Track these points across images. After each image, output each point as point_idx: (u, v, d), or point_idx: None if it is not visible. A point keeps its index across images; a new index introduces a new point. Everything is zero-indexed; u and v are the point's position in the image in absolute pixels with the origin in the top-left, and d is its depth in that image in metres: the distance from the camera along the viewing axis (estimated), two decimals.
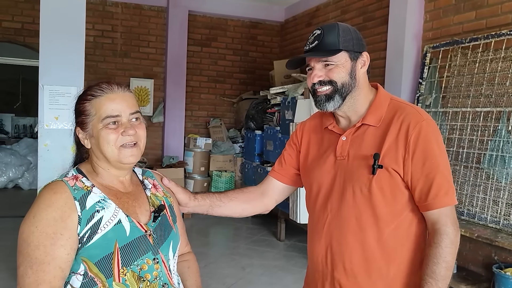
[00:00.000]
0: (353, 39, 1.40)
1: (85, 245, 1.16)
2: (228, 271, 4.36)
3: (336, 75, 1.38)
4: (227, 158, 6.69)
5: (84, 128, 1.26)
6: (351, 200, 1.37)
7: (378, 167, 1.33)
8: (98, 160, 1.27)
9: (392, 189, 1.34)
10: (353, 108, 1.43)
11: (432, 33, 4.12)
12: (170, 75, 6.63)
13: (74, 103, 1.30)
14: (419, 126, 1.32)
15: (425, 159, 1.31)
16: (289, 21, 7.03)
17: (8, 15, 6.04)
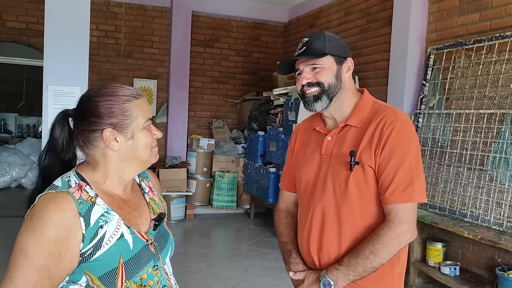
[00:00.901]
0: (338, 46, 1.52)
1: (88, 259, 1.16)
2: (231, 272, 4.36)
3: (323, 77, 1.50)
4: (229, 159, 6.70)
5: (121, 130, 1.21)
6: (331, 195, 1.49)
7: (355, 164, 1.44)
8: (121, 163, 1.24)
9: (368, 184, 1.44)
10: (339, 110, 1.55)
11: (436, 35, 4.12)
12: (173, 75, 6.63)
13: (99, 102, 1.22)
14: (393, 125, 1.42)
15: (391, 155, 1.40)
16: (293, 22, 7.03)
17: (12, 15, 6.06)
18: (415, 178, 1.40)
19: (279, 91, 5.55)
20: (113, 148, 1.22)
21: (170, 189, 6.14)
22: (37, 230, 1.11)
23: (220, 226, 6.22)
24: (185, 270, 4.36)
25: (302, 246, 1.60)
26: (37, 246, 1.10)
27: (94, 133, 1.21)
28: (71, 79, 3.49)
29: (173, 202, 6.15)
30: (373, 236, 1.41)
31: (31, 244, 1.10)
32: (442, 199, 3.73)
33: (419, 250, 3.81)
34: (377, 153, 1.43)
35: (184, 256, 4.87)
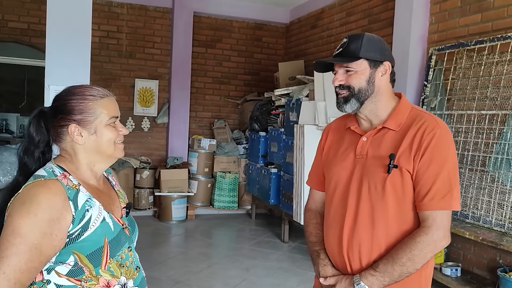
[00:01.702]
0: (375, 49, 1.52)
1: (76, 240, 1.28)
2: (232, 272, 4.36)
3: (354, 81, 1.52)
4: (231, 159, 6.70)
5: (84, 126, 1.35)
6: (366, 196, 1.49)
7: (393, 167, 1.45)
8: (88, 156, 1.38)
9: (404, 188, 1.45)
10: (374, 112, 1.56)
11: (437, 36, 4.12)
12: (174, 76, 6.64)
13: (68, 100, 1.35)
14: (433, 133, 1.44)
15: (430, 163, 1.42)
16: (294, 23, 7.03)
17: (14, 15, 6.07)
18: (453, 186, 1.42)
19: (280, 91, 5.55)
20: (78, 142, 1.35)
21: (171, 189, 6.15)
22: (31, 212, 1.21)
23: (222, 226, 6.22)
24: (186, 270, 4.36)
25: (331, 246, 1.60)
26: (31, 226, 1.20)
27: (62, 128, 1.35)
28: (72, 79, 3.45)
29: (175, 203, 6.15)
30: (410, 242, 1.41)
31: (24, 225, 1.20)
32: None
33: None
34: (416, 159, 1.44)
35: (186, 256, 4.87)
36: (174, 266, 4.49)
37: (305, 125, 4.60)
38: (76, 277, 1.30)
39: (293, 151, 4.85)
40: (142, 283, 1.47)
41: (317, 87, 4.66)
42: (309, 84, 5.03)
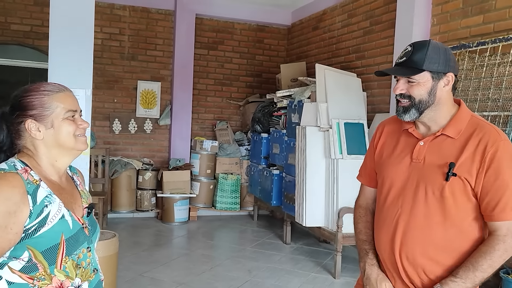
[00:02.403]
0: (439, 60, 1.51)
1: (32, 235, 1.27)
2: (234, 274, 4.37)
3: (416, 92, 1.53)
4: (233, 161, 6.71)
5: (41, 120, 1.36)
6: (423, 200, 1.53)
7: (452, 175, 1.48)
8: (49, 151, 1.39)
9: (462, 196, 1.49)
10: (433, 119, 1.57)
11: (439, 37, 4.12)
12: (177, 78, 6.66)
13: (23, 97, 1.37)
14: (496, 145, 1.46)
15: (497, 175, 1.44)
16: (296, 24, 7.05)
17: (17, 18, 6.10)
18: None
19: (282, 93, 5.56)
20: (37, 137, 1.36)
21: (173, 191, 6.16)
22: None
23: (224, 228, 6.22)
24: (189, 272, 4.37)
25: (383, 245, 1.62)
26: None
27: (20, 124, 1.36)
28: (75, 82, 3.50)
29: (177, 204, 6.16)
30: (489, 250, 1.45)
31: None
32: None
33: None
34: (480, 171, 1.46)
35: (188, 257, 4.87)
36: (177, 267, 4.50)
37: (307, 127, 4.61)
38: (29, 274, 1.28)
39: (295, 152, 4.86)
40: (98, 286, 1.47)
41: (319, 89, 4.66)
42: (311, 85, 5.03)
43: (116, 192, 6.23)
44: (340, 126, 4.47)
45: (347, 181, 4.29)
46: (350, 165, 4.35)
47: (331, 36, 6.00)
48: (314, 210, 4.56)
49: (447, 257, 1.51)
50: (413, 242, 1.54)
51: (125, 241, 5.14)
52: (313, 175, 4.57)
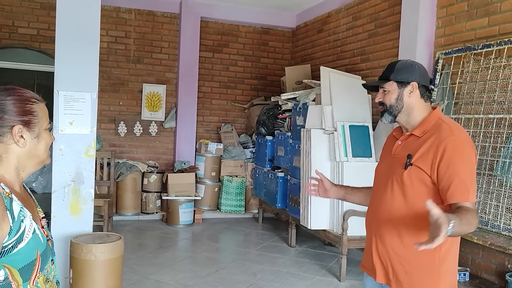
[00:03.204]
0: (405, 72, 1.89)
1: (8, 253, 1.20)
2: (239, 277, 4.37)
3: (386, 99, 1.93)
4: (238, 163, 6.71)
5: (29, 128, 1.29)
6: (390, 186, 1.90)
7: (409, 165, 1.83)
8: (21, 160, 1.30)
9: (418, 182, 1.81)
10: (408, 122, 1.93)
11: (444, 40, 4.11)
12: (182, 81, 6.68)
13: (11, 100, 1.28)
14: (447, 140, 1.77)
15: (448, 165, 1.74)
16: (301, 27, 7.05)
17: (24, 21, 6.15)
18: (468, 183, 1.74)
19: (287, 96, 5.57)
20: (20, 145, 1.28)
21: (178, 193, 6.17)
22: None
23: (229, 230, 6.22)
24: (194, 274, 4.37)
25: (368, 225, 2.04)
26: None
27: (2, 128, 1.26)
28: (81, 85, 3.54)
29: (182, 207, 6.17)
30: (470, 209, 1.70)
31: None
32: None
33: None
34: (434, 162, 1.77)
35: (193, 260, 4.88)
36: (182, 270, 4.50)
37: (311, 129, 4.61)
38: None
39: (300, 155, 4.86)
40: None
41: (324, 92, 4.66)
42: (315, 88, 5.04)
43: (121, 194, 6.25)
44: (345, 129, 4.46)
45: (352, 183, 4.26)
46: (355, 168, 4.34)
47: (336, 38, 6.00)
48: (319, 212, 4.56)
49: (404, 229, 1.85)
50: (380, 219, 1.93)
51: (130, 243, 5.15)
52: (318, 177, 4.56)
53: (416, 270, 1.83)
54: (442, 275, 1.82)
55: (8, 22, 6.08)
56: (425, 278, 1.83)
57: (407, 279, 1.85)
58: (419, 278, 1.83)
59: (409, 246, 1.77)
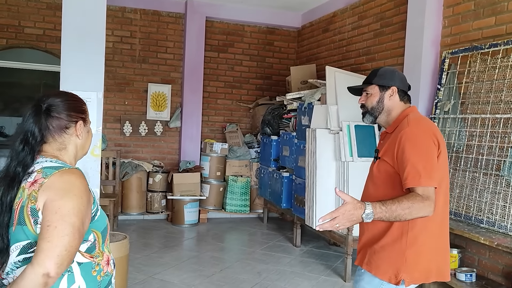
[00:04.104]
0: (386, 77, 2.10)
1: (93, 219, 1.48)
2: (244, 276, 4.37)
3: (368, 102, 2.13)
4: (243, 163, 6.71)
5: (86, 124, 1.58)
6: (370, 177, 2.14)
7: (377, 159, 2.07)
8: (77, 152, 1.58)
9: (385, 173, 2.02)
10: (387, 122, 2.14)
11: (450, 39, 4.09)
12: (187, 80, 6.69)
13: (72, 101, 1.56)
14: (403, 132, 1.96)
15: (402, 154, 1.92)
16: (306, 27, 7.04)
17: (30, 21, 6.17)
18: (420, 170, 1.85)
19: (292, 95, 5.56)
20: (79, 137, 1.56)
21: (184, 193, 6.18)
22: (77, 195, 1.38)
23: (234, 230, 6.22)
24: (198, 274, 4.37)
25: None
26: (80, 207, 1.37)
27: (70, 123, 1.53)
28: (87, 84, 3.54)
29: (187, 206, 6.18)
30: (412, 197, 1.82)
31: (75, 207, 1.36)
32: (457, 205, 3.69)
33: None
34: (394, 154, 1.96)
35: (198, 259, 4.88)
36: (186, 269, 4.50)
37: (317, 129, 4.59)
38: (90, 253, 1.47)
39: (305, 155, 4.85)
40: None
41: (329, 91, 4.65)
42: (321, 88, 5.02)
43: (126, 194, 6.27)
44: (350, 129, 4.45)
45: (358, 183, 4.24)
46: (360, 168, 4.32)
47: (341, 38, 5.98)
48: (324, 212, 4.52)
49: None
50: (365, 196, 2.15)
51: (135, 243, 5.16)
52: (323, 177, 4.55)
53: (383, 251, 1.99)
54: (408, 259, 1.94)
55: (14, 22, 6.11)
56: (391, 258, 1.97)
57: (375, 259, 2.01)
58: (385, 258, 1.98)
59: (380, 232, 2.00)
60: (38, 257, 1.29)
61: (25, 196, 1.39)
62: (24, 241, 1.38)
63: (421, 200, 1.80)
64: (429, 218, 1.88)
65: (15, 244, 1.39)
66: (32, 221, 1.37)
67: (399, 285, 1.94)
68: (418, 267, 1.95)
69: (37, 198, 1.36)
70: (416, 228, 1.93)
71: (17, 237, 1.39)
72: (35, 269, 1.28)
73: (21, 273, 1.31)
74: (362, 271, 2.08)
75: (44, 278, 1.28)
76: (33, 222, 1.37)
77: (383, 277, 1.97)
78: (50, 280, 1.29)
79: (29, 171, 1.43)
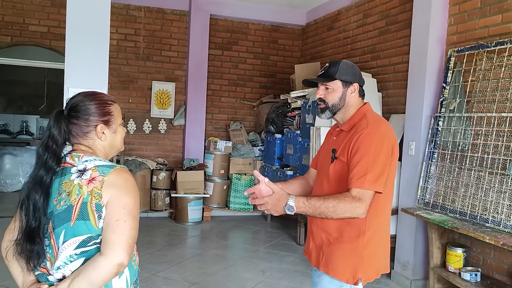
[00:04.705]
0: (348, 73, 2.04)
1: None
2: (248, 274, 4.36)
3: (330, 97, 2.06)
4: (246, 161, 6.70)
5: (108, 125, 1.61)
6: (321, 179, 2.10)
7: (335, 158, 2.01)
8: (105, 150, 1.63)
9: (341, 173, 1.97)
10: (342, 119, 2.09)
11: (456, 37, 4.06)
12: (191, 78, 6.68)
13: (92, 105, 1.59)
14: (360, 132, 1.93)
15: (354, 154, 1.91)
16: (311, 25, 7.02)
17: (35, 19, 6.18)
18: (369, 172, 1.85)
19: (296, 93, 5.54)
20: (102, 140, 1.60)
21: (187, 191, 6.18)
22: (136, 192, 1.53)
23: (237, 228, 6.22)
24: (202, 271, 4.37)
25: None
26: (138, 203, 1.52)
27: (89, 127, 1.58)
28: (91, 82, 3.54)
29: (191, 204, 6.18)
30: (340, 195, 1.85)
31: (135, 203, 1.50)
32: (462, 204, 3.66)
33: (438, 255, 3.75)
34: (349, 154, 1.94)
35: (201, 257, 4.88)
36: (190, 267, 4.50)
37: (321, 127, 4.58)
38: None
39: (309, 153, 4.83)
40: None
41: None
42: None
43: None
44: None
45: None
46: None
47: (346, 36, 5.96)
48: None
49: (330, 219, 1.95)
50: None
51: (139, 240, 5.13)
52: None
53: (340, 252, 1.97)
54: (365, 259, 1.95)
55: (19, 20, 6.12)
56: (349, 259, 1.96)
57: (332, 260, 1.99)
58: (343, 259, 1.96)
59: (336, 233, 1.98)
60: (112, 248, 1.42)
61: (85, 193, 1.47)
62: (84, 235, 1.47)
63: (350, 201, 1.82)
64: (382, 219, 1.99)
65: (72, 239, 1.47)
66: (96, 216, 1.46)
67: (357, 285, 1.96)
68: (373, 265, 1.98)
69: (101, 194, 1.46)
70: (371, 229, 1.95)
71: (76, 231, 1.47)
72: (110, 260, 1.40)
73: (90, 264, 1.42)
74: (319, 273, 2.05)
75: (118, 268, 1.42)
76: (97, 217, 1.46)
77: (341, 278, 1.96)
78: (122, 268, 1.44)
79: (82, 168, 1.52)
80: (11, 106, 9.97)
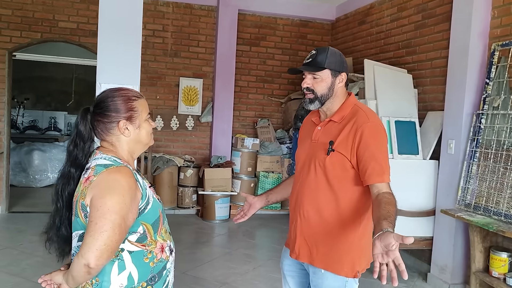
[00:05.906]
0: (336, 61, 1.97)
1: (142, 213, 1.56)
2: (277, 274, 4.26)
3: (318, 87, 1.98)
4: (274, 159, 6.61)
5: (131, 121, 1.61)
6: (313, 171, 2.00)
7: (331, 151, 1.94)
8: (131, 146, 1.64)
9: (340, 167, 1.93)
10: (330, 108, 2.03)
11: (500, 30, 3.86)
12: (219, 74, 6.60)
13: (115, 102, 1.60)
14: (363, 126, 1.89)
15: (365, 150, 1.87)
16: (341, 19, 6.85)
17: (64, 15, 6.19)
18: (383, 165, 1.86)
19: None
20: (125, 135, 1.61)
21: (215, 188, 6.12)
22: (119, 194, 1.47)
23: (265, 227, 6.13)
24: (232, 271, 4.30)
25: (291, 205, 2.14)
26: (121, 205, 1.46)
27: (112, 124, 1.59)
28: (123, 78, 3.50)
29: (218, 202, 6.12)
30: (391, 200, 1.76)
31: (117, 204, 1.45)
32: (508, 206, 3.48)
33: (481, 259, 3.58)
34: (353, 147, 1.89)
35: (230, 256, 4.81)
36: (219, 266, 4.44)
37: None
38: (142, 243, 1.56)
39: None
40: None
41: (368, 86, 4.48)
42: (358, 82, 4.85)
43: (158, 188, 6.24)
44: (390, 124, 4.28)
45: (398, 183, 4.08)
46: (401, 165, 4.15)
47: (379, 31, 5.78)
48: None
49: (329, 211, 1.96)
50: (304, 201, 2.02)
51: None
52: None
53: (340, 246, 1.94)
54: (362, 250, 1.96)
55: (49, 16, 6.14)
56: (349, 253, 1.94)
57: (332, 255, 1.94)
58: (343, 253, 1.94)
59: (333, 227, 1.95)
60: (82, 249, 1.44)
61: (79, 192, 1.54)
62: (80, 231, 1.54)
63: (392, 196, 1.81)
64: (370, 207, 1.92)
65: (75, 232, 1.57)
66: (83, 215, 1.51)
67: (357, 277, 1.96)
68: (367, 256, 1.97)
69: (86, 194, 1.50)
70: (365, 219, 1.96)
71: (76, 226, 1.56)
72: (79, 260, 1.43)
73: (72, 261, 1.50)
74: (315, 269, 1.99)
75: (85, 268, 1.43)
76: (83, 216, 1.51)
77: (346, 274, 1.94)
78: (91, 270, 1.43)
79: (87, 166, 1.57)
80: (40, 103, 10.10)
